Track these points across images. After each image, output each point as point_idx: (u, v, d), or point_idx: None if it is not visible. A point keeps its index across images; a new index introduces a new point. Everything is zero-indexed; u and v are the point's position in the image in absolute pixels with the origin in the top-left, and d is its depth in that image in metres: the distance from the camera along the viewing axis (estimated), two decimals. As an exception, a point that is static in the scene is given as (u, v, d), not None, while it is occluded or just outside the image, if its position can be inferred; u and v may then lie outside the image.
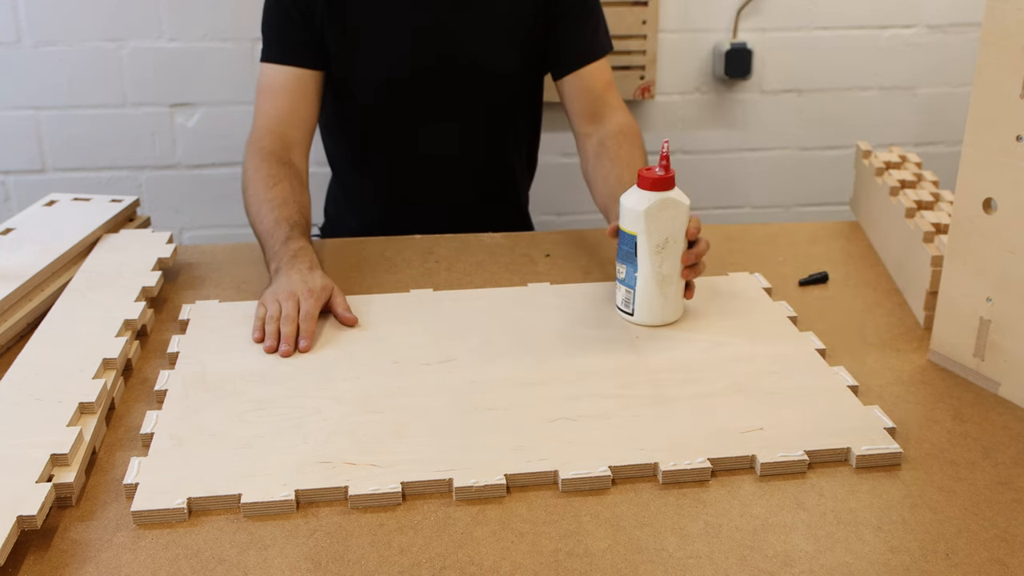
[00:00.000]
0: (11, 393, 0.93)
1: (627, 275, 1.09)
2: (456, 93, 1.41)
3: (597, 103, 1.39)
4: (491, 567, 0.75)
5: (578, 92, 1.40)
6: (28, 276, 1.13)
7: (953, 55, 2.25)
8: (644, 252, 1.07)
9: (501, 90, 1.44)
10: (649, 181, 1.06)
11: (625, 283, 1.10)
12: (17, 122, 2.08)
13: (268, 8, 1.38)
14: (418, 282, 1.24)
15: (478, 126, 1.45)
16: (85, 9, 2.01)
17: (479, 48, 1.38)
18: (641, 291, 1.09)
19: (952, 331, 1.03)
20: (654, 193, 1.05)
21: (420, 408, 0.94)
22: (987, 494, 0.84)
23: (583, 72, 1.39)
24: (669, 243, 1.07)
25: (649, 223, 1.05)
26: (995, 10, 0.92)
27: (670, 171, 1.06)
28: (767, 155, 2.31)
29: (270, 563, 0.76)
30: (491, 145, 1.48)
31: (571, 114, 1.42)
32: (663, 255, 1.07)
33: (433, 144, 1.44)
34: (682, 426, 0.91)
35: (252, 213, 1.26)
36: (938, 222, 1.15)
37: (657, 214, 1.05)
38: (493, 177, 1.52)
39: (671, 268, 1.08)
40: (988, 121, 0.95)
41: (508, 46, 1.40)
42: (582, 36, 1.40)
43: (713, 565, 0.75)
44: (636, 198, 1.06)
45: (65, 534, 0.79)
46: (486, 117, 1.45)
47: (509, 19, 1.38)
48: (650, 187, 1.06)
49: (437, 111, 1.42)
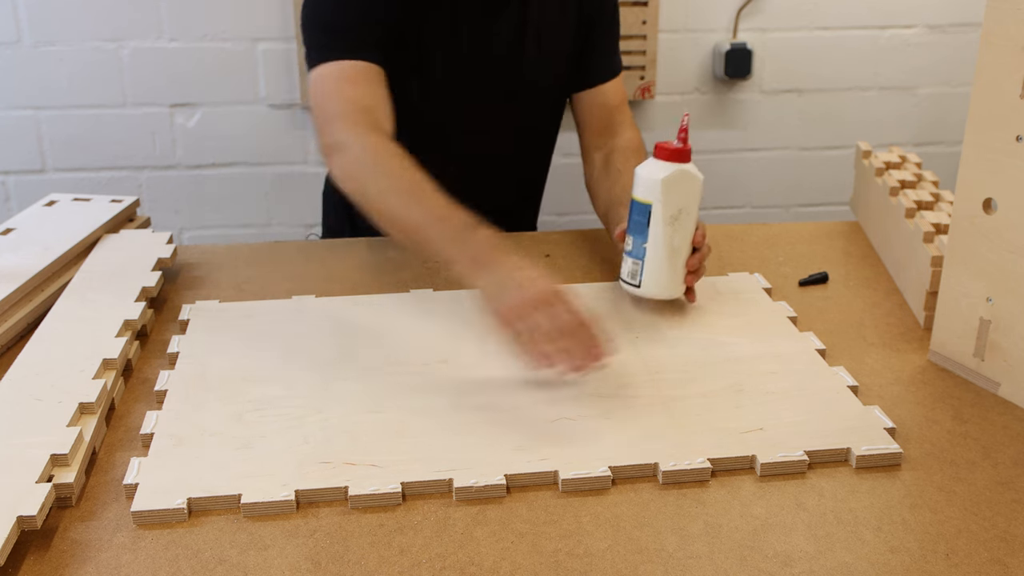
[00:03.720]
0: (11, 393, 0.93)
1: (635, 246, 1.10)
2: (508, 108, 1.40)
3: (610, 119, 1.41)
4: (491, 567, 0.75)
5: (594, 107, 1.42)
6: (28, 276, 1.13)
7: (953, 55, 2.25)
8: (657, 221, 1.07)
9: (545, 105, 1.45)
10: (667, 152, 1.07)
11: (632, 255, 1.10)
12: (17, 122, 2.08)
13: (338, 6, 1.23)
14: (418, 282, 1.24)
15: (522, 136, 1.46)
16: (85, 9, 2.01)
17: (533, 70, 1.38)
18: (651, 261, 1.09)
19: (952, 331, 1.03)
20: (671, 164, 1.07)
21: (420, 408, 0.94)
22: (987, 494, 0.84)
23: (602, 88, 1.41)
24: (682, 215, 1.07)
25: (666, 192, 1.06)
26: (995, 10, 0.92)
27: (687, 144, 1.08)
28: (767, 155, 2.31)
29: (270, 563, 0.76)
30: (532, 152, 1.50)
31: (583, 127, 1.43)
32: (676, 227, 1.08)
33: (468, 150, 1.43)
34: (682, 426, 0.91)
35: (385, 198, 1.05)
36: (938, 222, 1.15)
37: (674, 184, 1.06)
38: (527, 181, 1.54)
39: (682, 241, 1.09)
40: (988, 121, 0.95)
41: (556, 65, 1.40)
42: (605, 52, 1.42)
43: (713, 565, 0.75)
44: (653, 167, 1.08)
45: (65, 534, 0.79)
46: (528, 129, 1.46)
47: (558, 40, 1.38)
48: (668, 157, 1.07)
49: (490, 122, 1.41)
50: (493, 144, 1.43)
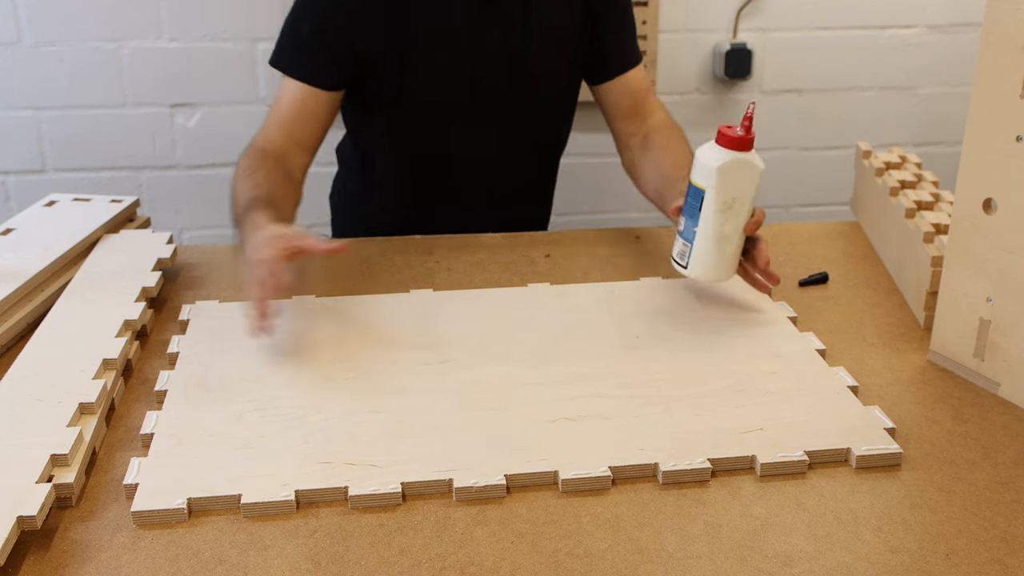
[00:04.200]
0: (11, 393, 0.93)
1: (686, 228, 1.09)
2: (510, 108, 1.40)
3: (640, 104, 1.43)
4: (491, 567, 0.75)
5: (621, 95, 1.43)
6: (28, 276, 1.13)
7: (953, 55, 2.25)
8: (709, 208, 1.06)
9: (551, 99, 1.45)
10: (728, 139, 1.05)
11: (684, 236, 1.10)
12: (17, 122, 2.08)
13: (298, 23, 1.33)
14: (418, 282, 1.24)
15: (526, 134, 1.45)
16: (85, 9, 2.01)
17: (537, 63, 1.38)
18: (699, 245, 1.08)
19: (952, 331, 1.03)
20: (731, 151, 1.05)
21: (420, 408, 0.94)
22: (987, 494, 0.84)
23: (626, 76, 1.42)
24: (736, 203, 1.06)
25: (721, 180, 1.05)
26: (995, 10, 0.92)
27: (751, 132, 1.06)
28: (767, 155, 2.31)
29: (270, 563, 0.76)
30: (536, 151, 1.49)
31: (613, 117, 1.44)
32: (728, 215, 1.07)
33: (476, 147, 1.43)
34: (682, 426, 0.91)
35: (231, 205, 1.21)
36: (938, 222, 1.15)
37: (730, 172, 1.05)
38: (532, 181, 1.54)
39: (733, 229, 1.07)
40: (988, 121, 0.95)
41: (561, 58, 1.40)
42: (624, 41, 1.43)
43: (713, 565, 0.75)
44: (712, 153, 1.06)
45: (65, 534, 0.79)
46: (535, 125, 1.45)
47: (562, 31, 1.38)
48: (728, 144, 1.05)
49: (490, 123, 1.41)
50: (498, 143, 1.43)
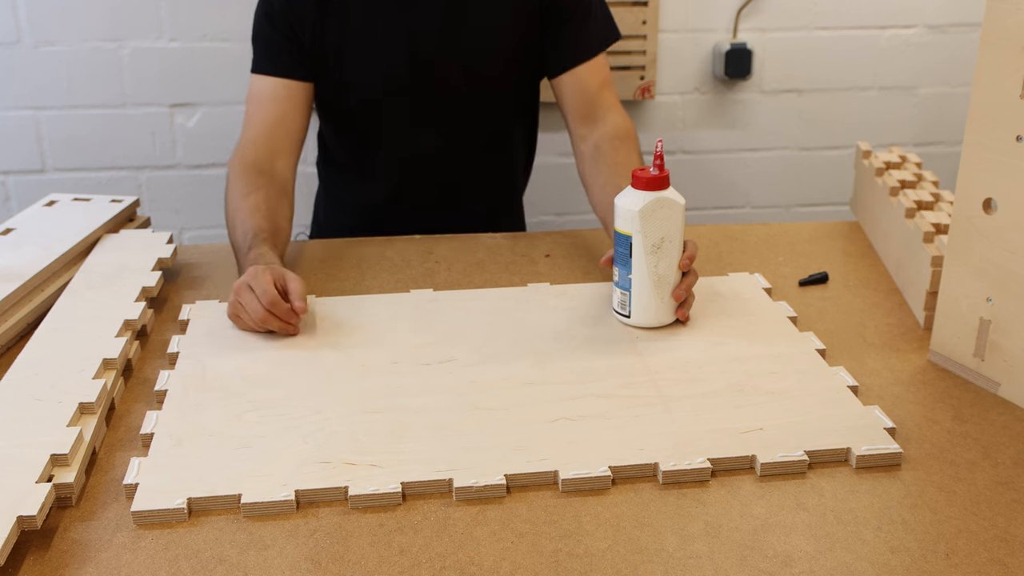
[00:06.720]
0: (11, 393, 0.93)
1: (621, 277, 1.09)
2: (453, 96, 1.40)
3: (592, 103, 1.37)
4: (491, 567, 0.75)
5: (572, 91, 1.38)
6: (28, 276, 1.13)
7: (953, 55, 2.25)
8: (639, 253, 1.06)
9: (496, 93, 1.43)
10: (643, 181, 1.05)
11: (620, 286, 1.09)
12: (17, 122, 2.08)
13: (258, 19, 1.37)
14: (418, 282, 1.24)
15: (476, 129, 1.44)
16: (85, 9, 2.01)
17: (474, 52, 1.37)
18: (637, 293, 1.08)
19: (952, 331, 1.03)
20: (649, 193, 1.05)
21: (420, 408, 0.94)
22: (987, 494, 0.84)
23: (577, 71, 1.37)
24: (665, 243, 1.06)
25: (645, 223, 1.05)
26: (995, 10, 0.92)
27: (664, 170, 1.06)
28: (767, 155, 2.31)
29: (270, 563, 0.76)
30: (489, 147, 1.48)
31: (566, 114, 1.40)
32: (659, 255, 1.06)
33: (429, 146, 1.43)
34: (682, 426, 0.91)
35: (228, 226, 1.26)
36: (938, 222, 1.15)
37: (652, 213, 1.05)
38: (492, 180, 1.52)
39: (667, 268, 1.07)
40: (988, 121, 0.95)
41: (503, 49, 1.39)
42: (576, 34, 1.37)
43: (713, 565, 0.75)
44: (630, 198, 1.06)
45: (65, 534, 0.79)
46: (483, 120, 1.44)
47: (505, 22, 1.37)
48: (644, 187, 1.05)
49: (434, 114, 1.41)
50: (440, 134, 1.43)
